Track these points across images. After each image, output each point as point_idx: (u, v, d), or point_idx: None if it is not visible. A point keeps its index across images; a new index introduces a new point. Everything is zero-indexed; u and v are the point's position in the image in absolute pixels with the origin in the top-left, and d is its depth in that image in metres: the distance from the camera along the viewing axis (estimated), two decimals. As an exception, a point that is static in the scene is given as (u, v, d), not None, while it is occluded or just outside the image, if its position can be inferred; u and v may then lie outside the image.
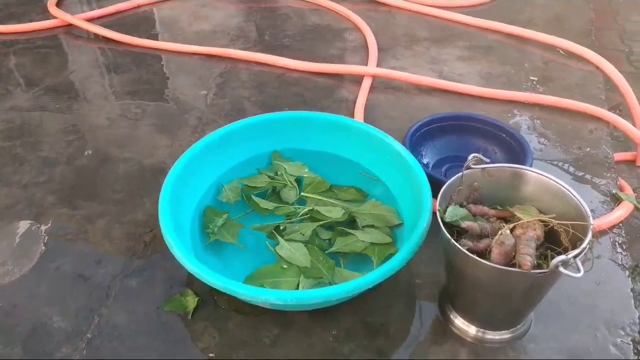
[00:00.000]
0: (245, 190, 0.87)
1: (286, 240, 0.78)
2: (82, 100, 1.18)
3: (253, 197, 0.85)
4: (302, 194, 0.87)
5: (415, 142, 0.94)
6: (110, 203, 0.92)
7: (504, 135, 0.95)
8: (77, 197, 0.93)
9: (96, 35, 1.39)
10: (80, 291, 0.77)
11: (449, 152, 0.97)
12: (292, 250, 0.76)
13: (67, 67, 1.29)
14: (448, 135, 0.98)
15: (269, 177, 0.89)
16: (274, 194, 0.87)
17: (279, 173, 0.89)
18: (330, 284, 0.73)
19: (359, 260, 0.78)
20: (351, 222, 0.83)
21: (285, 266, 0.75)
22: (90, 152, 1.02)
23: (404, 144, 0.89)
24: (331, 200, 0.86)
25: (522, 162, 0.86)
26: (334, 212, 0.82)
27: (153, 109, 1.14)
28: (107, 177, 0.97)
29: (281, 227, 0.81)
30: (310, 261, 0.75)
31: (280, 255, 0.76)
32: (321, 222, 0.81)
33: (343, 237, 0.80)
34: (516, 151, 0.92)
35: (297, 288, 0.72)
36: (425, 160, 0.95)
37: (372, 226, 0.81)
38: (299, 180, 0.89)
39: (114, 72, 1.27)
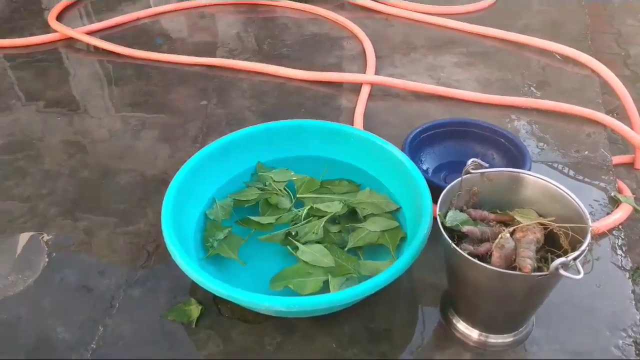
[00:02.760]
0: (236, 205, 0.87)
1: (303, 243, 0.79)
2: (83, 112, 1.19)
3: (251, 218, 0.84)
4: (297, 196, 0.88)
5: (415, 148, 0.94)
6: (113, 214, 0.92)
7: (503, 140, 0.96)
8: (79, 209, 0.94)
9: (96, 48, 1.40)
10: (84, 302, 0.78)
11: (448, 158, 0.98)
12: (314, 254, 0.77)
13: (67, 80, 1.30)
14: (447, 141, 0.99)
15: (258, 189, 0.89)
16: (269, 205, 0.87)
17: (267, 183, 0.90)
18: (358, 279, 0.74)
19: (375, 250, 0.80)
20: (352, 213, 0.85)
21: (310, 271, 0.75)
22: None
23: (403, 150, 0.90)
24: (327, 196, 0.87)
25: (521, 167, 0.86)
26: (333, 206, 0.84)
27: (154, 120, 1.15)
28: (109, 188, 0.98)
29: (292, 233, 0.82)
30: (334, 260, 0.76)
31: (303, 261, 0.77)
32: (326, 217, 0.82)
33: (354, 231, 0.81)
34: (515, 156, 0.92)
35: (324, 287, 0.73)
36: (424, 166, 0.96)
37: (373, 214, 0.84)
38: (289, 185, 0.90)
39: (114, 85, 1.28)
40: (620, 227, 0.88)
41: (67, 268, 0.83)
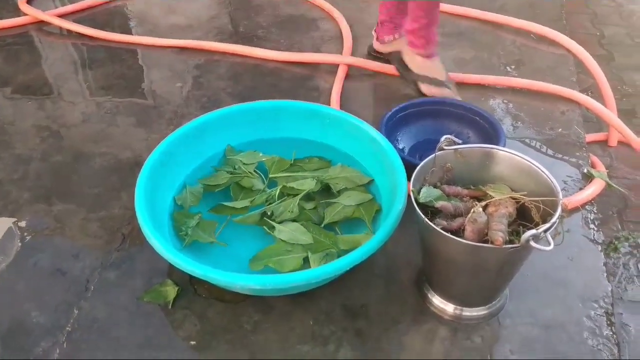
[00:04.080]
0: (206, 191, 0.86)
1: (279, 222, 0.79)
2: (55, 96, 1.17)
3: (225, 204, 0.83)
4: (269, 176, 0.88)
5: (391, 127, 0.95)
6: (86, 197, 0.91)
7: (478, 118, 0.96)
8: (53, 193, 0.92)
9: (69, 31, 1.37)
10: (58, 285, 0.77)
11: (424, 137, 0.98)
12: (292, 232, 0.77)
13: (39, 64, 1.27)
14: (423, 120, 0.99)
15: (227, 172, 0.88)
16: (240, 189, 0.86)
17: (236, 167, 0.89)
18: (338, 253, 0.74)
19: (351, 223, 0.80)
20: (325, 189, 0.85)
21: (289, 249, 0.75)
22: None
23: (379, 129, 0.90)
24: (299, 174, 0.87)
25: (495, 144, 0.87)
26: (306, 183, 0.84)
27: (128, 104, 1.14)
28: (83, 172, 0.96)
29: (268, 213, 0.81)
30: (312, 237, 0.76)
31: (282, 240, 0.76)
32: (300, 195, 0.82)
33: (330, 207, 0.82)
34: (489, 134, 0.93)
35: (304, 264, 0.73)
36: (401, 145, 0.96)
37: (346, 188, 0.84)
38: (260, 167, 0.89)
39: (87, 68, 1.25)
40: (592, 202, 0.89)
41: (40, 252, 0.82)
